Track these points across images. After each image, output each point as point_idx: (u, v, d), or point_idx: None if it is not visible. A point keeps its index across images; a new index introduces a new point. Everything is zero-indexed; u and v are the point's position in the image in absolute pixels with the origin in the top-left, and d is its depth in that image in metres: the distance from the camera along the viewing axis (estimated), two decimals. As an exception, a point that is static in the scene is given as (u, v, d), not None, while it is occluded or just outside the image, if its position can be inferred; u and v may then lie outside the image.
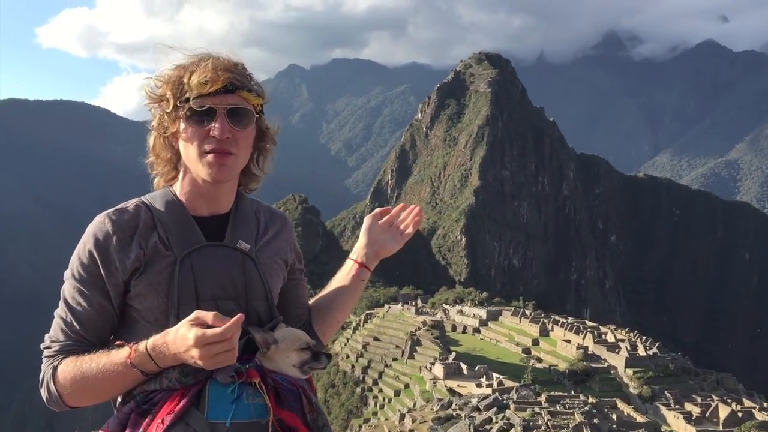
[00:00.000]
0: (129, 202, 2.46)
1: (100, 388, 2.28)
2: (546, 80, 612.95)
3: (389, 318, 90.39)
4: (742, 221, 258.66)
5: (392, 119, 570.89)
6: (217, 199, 2.49)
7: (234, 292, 2.43)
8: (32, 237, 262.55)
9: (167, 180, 2.54)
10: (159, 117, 2.40)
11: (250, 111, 2.40)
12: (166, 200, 2.46)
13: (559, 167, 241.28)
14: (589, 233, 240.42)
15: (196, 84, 2.31)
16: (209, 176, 2.37)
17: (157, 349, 2.20)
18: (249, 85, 2.40)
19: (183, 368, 2.22)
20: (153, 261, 2.34)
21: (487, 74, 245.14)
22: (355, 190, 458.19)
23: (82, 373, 2.26)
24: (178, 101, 2.33)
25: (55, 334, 2.38)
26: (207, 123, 2.33)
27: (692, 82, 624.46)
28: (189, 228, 2.42)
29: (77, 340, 2.35)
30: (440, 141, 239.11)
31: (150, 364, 2.21)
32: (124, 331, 2.42)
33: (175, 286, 2.32)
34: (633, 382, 61.53)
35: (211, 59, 2.36)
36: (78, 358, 2.30)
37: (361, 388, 76.06)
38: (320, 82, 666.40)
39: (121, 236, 2.34)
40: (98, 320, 2.37)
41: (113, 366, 2.24)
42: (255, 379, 2.23)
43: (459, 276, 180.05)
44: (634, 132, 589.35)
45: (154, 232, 2.37)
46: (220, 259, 2.43)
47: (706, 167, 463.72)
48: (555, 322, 79.14)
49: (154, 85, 2.39)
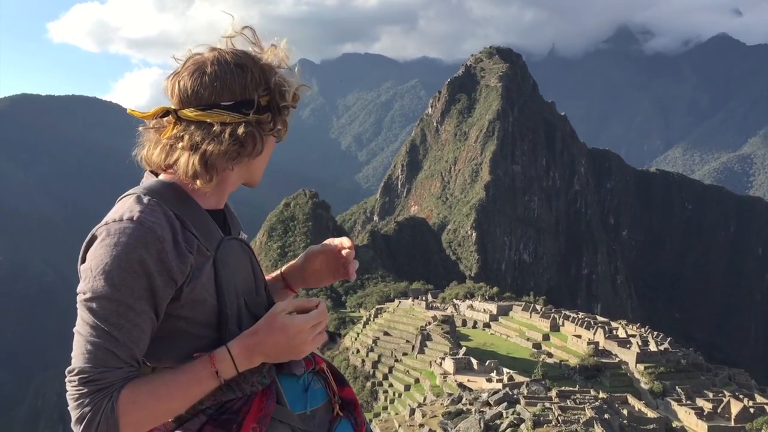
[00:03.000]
0: (142, 200, 2.19)
1: (173, 408, 2.15)
2: (557, 74, 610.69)
3: (399, 313, 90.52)
4: (755, 216, 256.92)
5: (402, 114, 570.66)
6: (223, 199, 2.43)
7: (253, 284, 2.40)
8: (45, 232, 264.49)
9: (159, 165, 2.30)
10: (272, 123, 2.28)
11: None
12: (178, 196, 2.29)
13: (571, 162, 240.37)
14: (601, 228, 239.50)
15: (292, 99, 2.30)
16: (256, 184, 2.46)
17: (248, 350, 2.15)
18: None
19: (261, 370, 2.21)
20: (200, 264, 2.22)
21: (498, 68, 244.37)
22: (365, 185, 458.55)
23: (157, 397, 2.10)
24: (268, 107, 2.26)
25: (98, 362, 2.05)
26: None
27: (705, 76, 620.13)
28: (210, 224, 2.33)
29: (131, 364, 2.09)
30: (451, 136, 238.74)
31: (230, 369, 2.15)
32: (162, 346, 2.22)
33: (222, 285, 2.25)
34: (644, 377, 61.31)
35: (284, 69, 2.30)
36: (144, 381, 2.11)
37: (371, 382, 76.19)
38: (331, 76, 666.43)
39: (170, 240, 2.15)
40: (148, 338, 2.16)
41: (193, 379, 2.13)
42: (322, 365, 2.32)
43: (469, 271, 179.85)
44: (646, 126, 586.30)
45: (187, 232, 2.22)
46: (238, 252, 2.38)
47: (719, 162, 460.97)
48: (566, 317, 79.01)
49: (257, 92, 2.24)
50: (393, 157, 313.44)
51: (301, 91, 2.32)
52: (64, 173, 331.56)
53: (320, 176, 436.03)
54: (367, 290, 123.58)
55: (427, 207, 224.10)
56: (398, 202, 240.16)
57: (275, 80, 2.25)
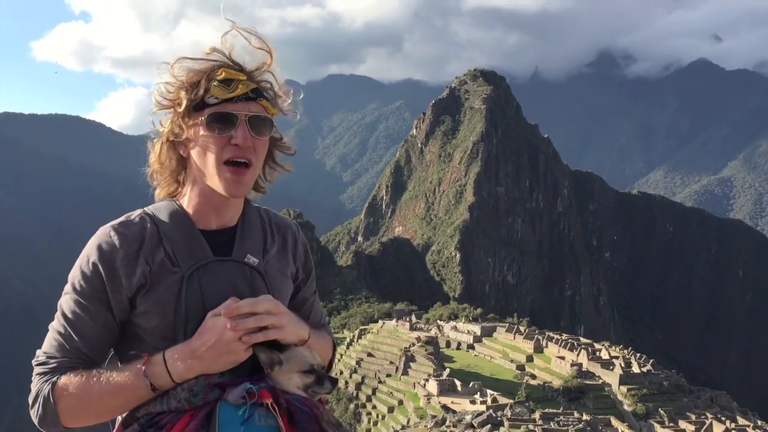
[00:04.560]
0: (133, 214, 2.36)
1: (106, 405, 2.18)
2: (541, 97, 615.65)
3: (383, 334, 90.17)
4: (735, 239, 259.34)
5: (387, 135, 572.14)
6: (226, 211, 2.42)
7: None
8: (25, 251, 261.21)
9: (169, 192, 2.45)
10: (170, 122, 2.31)
11: (270, 120, 2.37)
12: (171, 213, 2.37)
13: (554, 184, 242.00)
14: (584, 250, 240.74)
15: (216, 87, 2.25)
16: (225, 191, 2.30)
17: (181, 354, 2.14)
18: (268, 93, 2.37)
19: (192, 387, 2.14)
20: (160, 278, 2.25)
21: (482, 91, 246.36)
22: (350, 206, 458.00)
23: (88, 389, 2.16)
24: (194, 105, 2.26)
25: (50, 349, 2.25)
26: (227, 130, 2.26)
27: (686, 100, 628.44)
28: (196, 243, 2.33)
29: (77, 356, 2.24)
30: (435, 157, 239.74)
31: (163, 375, 2.14)
32: (126, 347, 2.31)
33: (183, 303, 2.24)
34: (627, 399, 61.36)
35: (230, 61, 2.30)
36: (81, 373, 2.19)
37: (354, 404, 75.64)
38: (316, 97, 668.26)
39: (127, 251, 2.24)
40: (101, 336, 2.27)
41: (124, 378, 2.15)
42: (267, 400, 2.13)
43: (453, 292, 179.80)
44: (628, 149, 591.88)
45: (161, 248, 2.28)
46: (228, 274, 2.34)
47: (700, 184, 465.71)
48: (549, 338, 79.05)
49: (165, 90, 2.30)
50: (378, 177, 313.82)
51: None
52: (46, 191, 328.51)
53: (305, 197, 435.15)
54: (350, 311, 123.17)
55: (412, 228, 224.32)
56: (383, 223, 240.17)
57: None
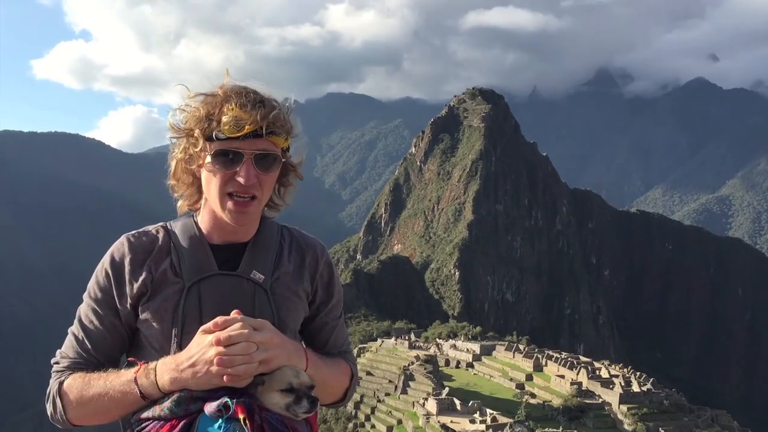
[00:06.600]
0: (153, 226, 2.51)
1: (103, 407, 2.25)
2: (539, 116, 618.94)
3: (382, 352, 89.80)
4: (734, 257, 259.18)
5: (386, 153, 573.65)
6: (236, 231, 2.47)
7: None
8: (23, 270, 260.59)
9: (191, 203, 2.53)
10: (184, 148, 2.38)
11: (278, 156, 2.38)
12: (184, 226, 2.48)
13: (553, 202, 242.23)
14: (583, 268, 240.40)
15: (226, 126, 2.26)
16: (229, 220, 2.38)
17: (167, 366, 2.19)
18: (278, 129, 2.35)
19: (176, 397, 2.17)
20: (160, 287, 2.34)
21: (480, 109, 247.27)
22: (349, 224, 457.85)
23: (88, 390, 2.26)
24: (206, 138, 2.30)
25: (66, 350, 2.41)
26: (233, 166, 2.30)
27: (683, 118, 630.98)
28: (202, 255, 2.41)
29: (87, 358, 2.37)
30: (434, 175, 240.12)
31: (152, 385, 2.19)
32: (133, 354, 2.43)
33: (180, 313, 2.31)
34: (627, 418, 60.99)
35: (242, 98, 2.30)
36: (86, 374, 2.30)
37: (353, 423, 75.14)
38: (315, 115, 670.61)
39: (134, 258, 2.37)
40: (109, 340, 2.39)
41: (119, 383, 2.23)
42: (240, 415, 2.13)
43: (452, 310, 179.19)
44: (626, 167, 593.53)
45: (167, 258, 2.38)
46: (230, 289, 2.39)
47: (698, 203, 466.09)
48: (549, 357, 78.69)
49: (181, 119, 2.36)
50: (377, 195, 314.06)
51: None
52: (45, 209, 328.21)
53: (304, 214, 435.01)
54: (349, 329, 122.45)
55: (411, 246, 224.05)
56: (381, 241, 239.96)
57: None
